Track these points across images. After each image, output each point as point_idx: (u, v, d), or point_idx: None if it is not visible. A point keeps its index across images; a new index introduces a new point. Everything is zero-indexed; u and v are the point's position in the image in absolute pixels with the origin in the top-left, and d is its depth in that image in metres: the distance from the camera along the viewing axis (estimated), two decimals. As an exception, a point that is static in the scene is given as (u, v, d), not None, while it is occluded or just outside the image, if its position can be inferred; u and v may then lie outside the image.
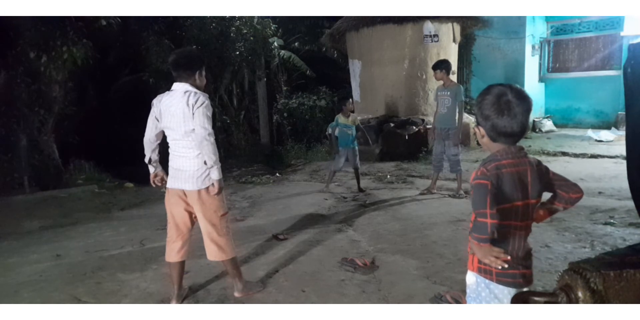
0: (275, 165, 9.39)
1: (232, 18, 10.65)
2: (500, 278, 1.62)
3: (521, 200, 1.57)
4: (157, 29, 9.94)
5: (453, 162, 5.61)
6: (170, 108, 2.78)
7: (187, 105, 2.73)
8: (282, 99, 12.53)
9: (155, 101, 2.88)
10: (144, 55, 9.91)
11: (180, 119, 2.76)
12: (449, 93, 5.48)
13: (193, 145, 2.80)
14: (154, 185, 3.09)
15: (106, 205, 6.19)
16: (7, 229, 5.17)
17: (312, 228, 4.60)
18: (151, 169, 3.03)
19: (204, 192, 2.86)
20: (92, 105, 10.65)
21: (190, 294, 3.16)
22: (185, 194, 2.90)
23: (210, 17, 10.26)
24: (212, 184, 2.85)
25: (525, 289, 1.64)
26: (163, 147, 2.98)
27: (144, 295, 3.21)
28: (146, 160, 3.01)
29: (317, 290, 3.13)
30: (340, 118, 6.01)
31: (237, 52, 11.07)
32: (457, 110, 5.46)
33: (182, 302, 3.04)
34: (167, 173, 2.98)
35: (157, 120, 2.87)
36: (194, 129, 2.74)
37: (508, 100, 1.52)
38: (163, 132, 2.93)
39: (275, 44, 12.30)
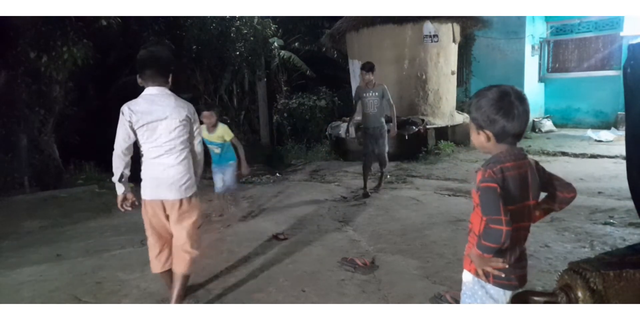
0: (275, 165, 9.39)
1: (232, 18, 10.66)
2: (497, 280, 1.63)
3: (523, 202, 1.57)
4: (157, 29, 9.95)
5: (383, 159, 5.78)
6: (154, 113, 2.62)
7: (178, 112, 2.66)
8: (282, 99, 12.54)
9: (127, 108, 2.62)
10: (144, 55, 9.90)
11: (165, 126, 2.64)
12: (376, 94, 5.59)
13: (175, 151, 2.69)
14: (122, 210, 2.76)
15: (106, 205, 6.19)
16: (7, 229, 5.17)
17: (312, 228, 4.60)
18: (120, 190, 2.72)
19: (185, 201, 2.76)
20: (93, 105, 10.65)
21: (190, 294, 3.16)
22: (163, 204, 2.75)
23: (210, 17, 10.27)
24: (193, 193, 2.80)
25: (520, 290, 1.65)
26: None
27: (144, 295, 3.21)
28: (116, 178, 2.71)
29: (317, 290, 3.14)
30: (203, 132, 4.56)
31: (238, 52, 11.08)
32: (386, 109, 5.67)
33: (181, 302, 3.04)
34: (137, 189, 2.77)
35: (132, 130, 2.63)
36: (181, 137, 2.70)
37: (511, 101, 1.53)
38: (134, 144, 2.71)
39: (276, 44, 12.30)
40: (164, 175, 2.69)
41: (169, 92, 2.72)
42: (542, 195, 1.71)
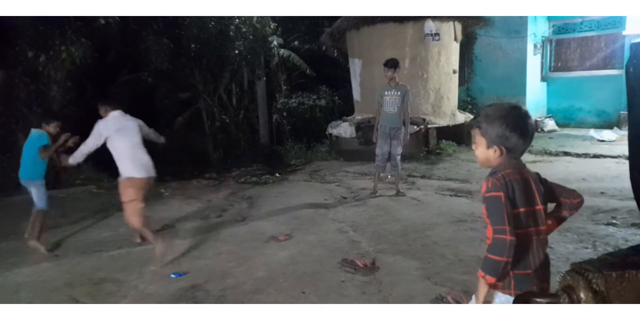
0: (275, 165, 9.37)
1: (232, 17, 10.63)
2: (519, 292, 1.61)
3: (532, 206, 1.61)
4: (156, 28, 9.90)
5: (396, 162, 5.65)
6: (125, 123, 4.03)
7: (136, 122, 4.13)
8: (281, 99, 12.50)
9: (102, 123, 3.93)
10: (143, 54, 9.89)
11: (134, 130, 4.07)
12: (399, 93, 5.50)
13: (142, 146, 4.03)
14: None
15: (105, 206, 6.18)
16: (7, 229, 5.16)
17: (312, 228, 4.58)
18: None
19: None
20: (91, 105, 10.64)
21: (190, 295, 3.15)
22: (146, 179, 3.95)
23: (209, 16, 10.24)
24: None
25: None
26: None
27: (142, 296, 3.20)
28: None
29: (317, 291, 3.12)
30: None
31: (237, 51, 11.04)
32: (403, 110, 5.54)
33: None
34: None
35: (103, 137, 3.92)
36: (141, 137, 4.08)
37: (526, 120, 1.63)
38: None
39: (275, 42, 12.26)
40: (147, 161, 3.96)
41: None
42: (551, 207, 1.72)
